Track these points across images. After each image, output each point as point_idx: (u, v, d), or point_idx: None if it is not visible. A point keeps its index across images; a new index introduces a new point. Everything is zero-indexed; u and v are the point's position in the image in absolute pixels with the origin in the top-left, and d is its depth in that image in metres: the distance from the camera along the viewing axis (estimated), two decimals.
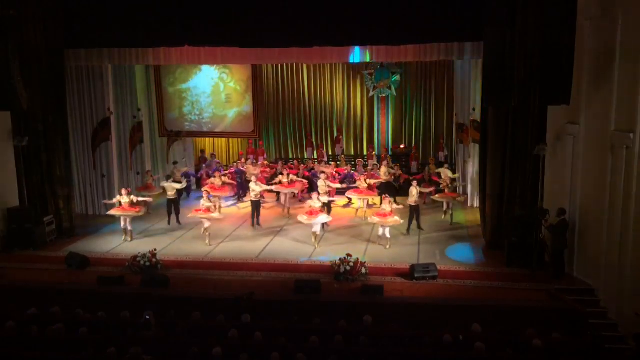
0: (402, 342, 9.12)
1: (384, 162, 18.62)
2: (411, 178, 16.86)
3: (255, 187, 16.03)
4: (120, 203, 15.09)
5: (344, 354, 8.71)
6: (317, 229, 14.69)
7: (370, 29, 13.87)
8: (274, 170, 19.04)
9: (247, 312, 10.17)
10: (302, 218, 14.76)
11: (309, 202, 15.13)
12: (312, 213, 14.59)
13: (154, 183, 17.98)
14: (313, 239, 14.69)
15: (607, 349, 9.86)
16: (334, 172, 18.11)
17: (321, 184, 16.28)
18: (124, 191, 15.28)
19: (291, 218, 16.81)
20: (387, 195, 15.54)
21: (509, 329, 9.77)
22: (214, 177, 17.97)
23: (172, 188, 16.47)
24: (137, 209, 15.31)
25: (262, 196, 16.63)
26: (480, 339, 8.98)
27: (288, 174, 17.59)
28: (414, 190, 15.42)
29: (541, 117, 12.79)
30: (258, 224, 16.26)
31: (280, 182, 17.42)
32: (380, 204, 15.84)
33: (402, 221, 14.63)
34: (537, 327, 9.60)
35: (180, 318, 10.23)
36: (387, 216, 14.20)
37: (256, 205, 16.21)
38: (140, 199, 15.77)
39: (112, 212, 15.27)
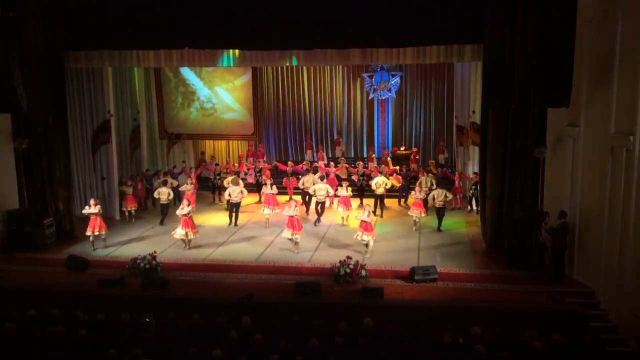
0: (402, 342, 9.11)
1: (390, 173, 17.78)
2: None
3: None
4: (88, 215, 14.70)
5: (344, 356, 8.70)
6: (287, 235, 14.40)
7: (369, 31, 13.90)
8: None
9: (247, 314, 10.15)
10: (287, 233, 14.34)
11: (286, 210, 14.48)
12: (292, 227, 14.22)
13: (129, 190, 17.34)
14: (296, 249, 14.43)
15: (607, 351, 9.83)
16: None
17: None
18: (92, 201, 14.84)
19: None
20: (367, 204, 15.43)
21: (508, 330, 9.76)
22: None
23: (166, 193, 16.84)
24: (105, 228, 14.88)
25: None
26: (480, 340, 8.97)
27: (272, 184, 16.87)
28: (439, 193, 15.74)
29: (541, 118, 12.77)
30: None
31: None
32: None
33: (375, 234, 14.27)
34: (537, 329, 9.57)
35: (180, 320, 10.21)
36: (368, 230, 13.98)
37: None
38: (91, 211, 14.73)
39: (87, 232, 14.74)
